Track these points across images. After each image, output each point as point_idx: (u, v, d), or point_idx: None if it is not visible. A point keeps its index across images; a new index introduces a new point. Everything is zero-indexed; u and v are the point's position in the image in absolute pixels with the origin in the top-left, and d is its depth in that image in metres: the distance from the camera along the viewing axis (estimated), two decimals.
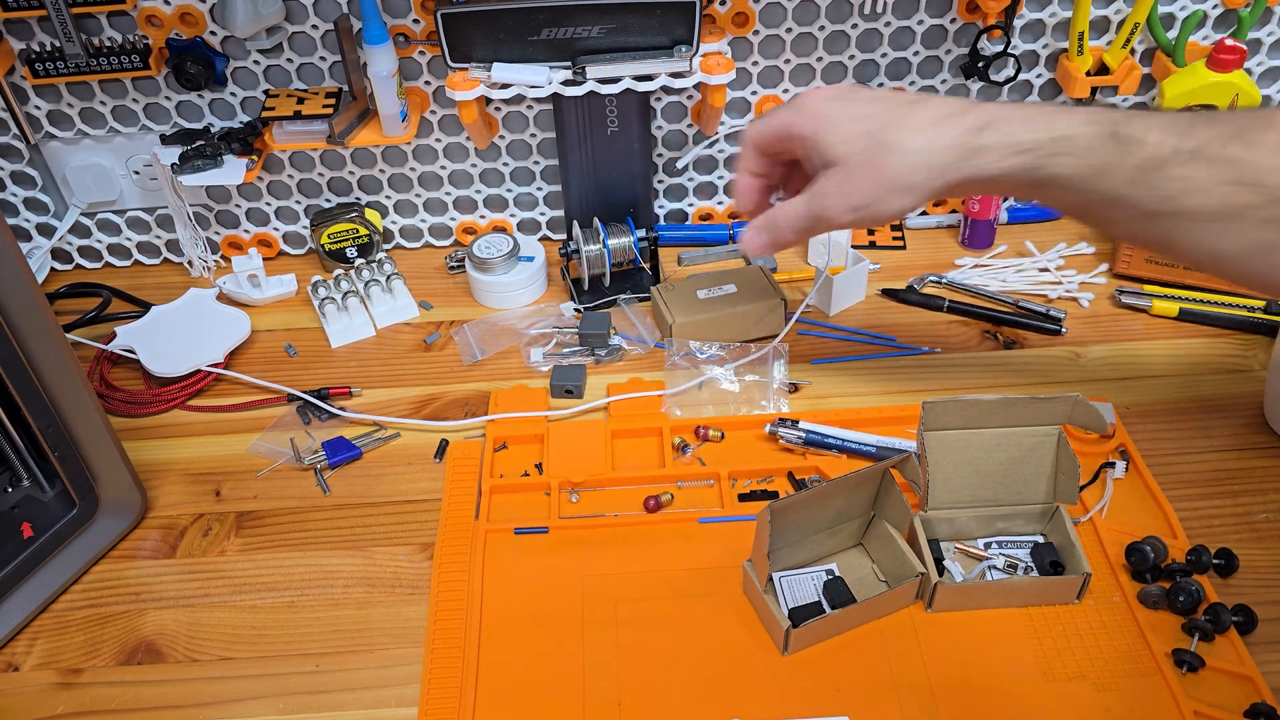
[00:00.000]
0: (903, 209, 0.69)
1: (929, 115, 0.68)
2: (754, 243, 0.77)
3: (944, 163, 0.67)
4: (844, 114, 0.70)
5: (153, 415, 0.96)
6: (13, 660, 0.76)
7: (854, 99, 0.71)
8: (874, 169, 0.68)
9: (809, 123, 0.71)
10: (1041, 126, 0.66)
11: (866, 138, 0.68)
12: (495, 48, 0.94)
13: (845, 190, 0.69)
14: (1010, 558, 0.76)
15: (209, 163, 1.00)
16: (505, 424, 0.91)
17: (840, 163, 0.69)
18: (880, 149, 0.68)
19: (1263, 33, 1.02)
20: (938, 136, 0.67)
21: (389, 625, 0.76)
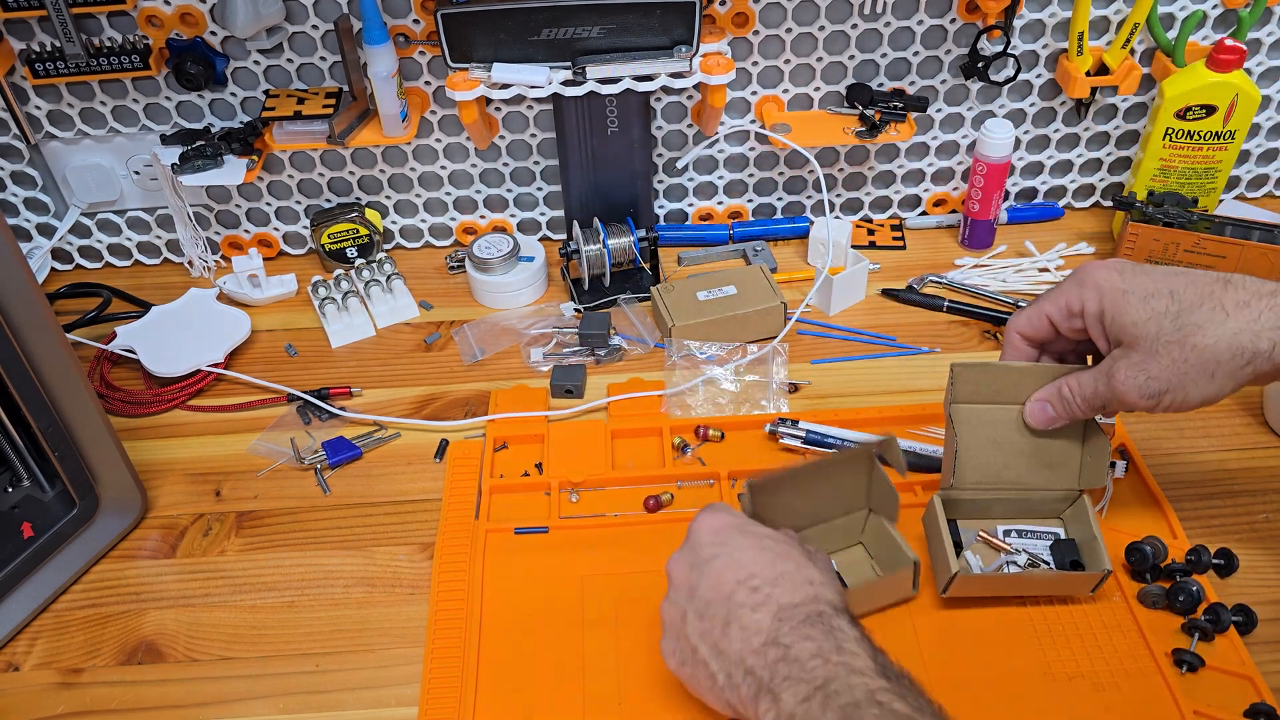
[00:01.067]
0: (1205, 398, 0.63)
1: (1243, 296, 0.62)
2: (1041, 417, 0.71)
3: (1266, 347, 0.61)
4: (1139, 289, 0.64)
5: (153, 415, 0.96)
6: (13, 660, 0.76)
7: (1144, 273, 0.65)
8: (1180, 350, 0.62)
9: (1096, 299, 0.66)
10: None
11: (1171, 317, 0.63)
12: (495, 48, 0.94)
13: (1144, 371, 0.64)
14: (1033, 556, 0.75)
15: (209, 163, 1.00)
16: (505, 424, 0.91)
17: (1135, 343, 0.64)
18: (1188, 330, 0.62)
19: (1262, 33, 1.02)
20: (1258, 318, 0.61)
21: (389, 625, 0.77)
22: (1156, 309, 0.63)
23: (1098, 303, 0.66)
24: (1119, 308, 0.64)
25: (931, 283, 1.05)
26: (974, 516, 0.77)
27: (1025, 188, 1.14)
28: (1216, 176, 1.03)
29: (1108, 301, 0.65)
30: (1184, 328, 0.62)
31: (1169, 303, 0.63)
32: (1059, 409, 0.70)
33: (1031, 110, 1.07)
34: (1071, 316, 0.68)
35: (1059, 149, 1.11)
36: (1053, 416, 0.71)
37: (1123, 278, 0.65)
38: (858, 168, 1.11)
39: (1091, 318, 0.66)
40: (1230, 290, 0.63)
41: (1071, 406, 0.69)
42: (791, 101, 1.06)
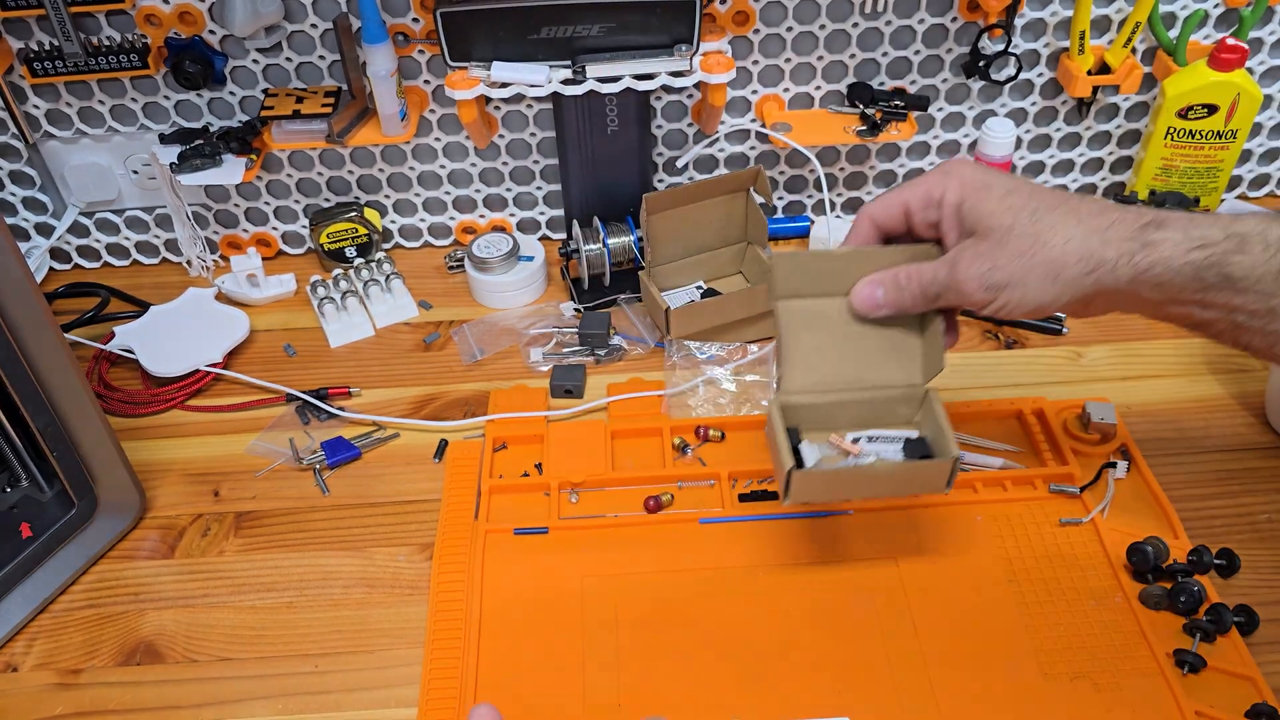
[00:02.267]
0: (1042, 302, 0.62)
1: (1097, 206, 0.62)
2: (869, 299, 0.68)
3: (1113, 256, 0.61)
4: (1000, 185, 0.64)
5: (151, 415, 0.95)
6: (12, 660, 0.76)
7: (1009, 175, 0.65)
8: (1026, 244, 0.62)
9: (957, 189, 0.64)
10: (1216, 223, 0.61)
11: (1027, 212, 0.62)
12: (495, 47, 0.93)
13: (985, 261, 0.62)
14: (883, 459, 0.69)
15: (208, 162, 1.00)
16: (505, 424, 0.90)
17: (988, 233, 0.63)
18: (1040, 226, 0.62)
19: (1264, 32, 1.02)
20: (1110, 226, 0.61)
21: (389, 625, 0.76)
22: (1014, 204, 0.62)
23: (958, 192, 0.64)
24: (978, 198, 0.63)
25: None
26: (822, 427, 0.70)
27: None
28: (1218, 176, 1.03)
29: (968, 191, 0.64)
30: (1038, 223, 0.62)
31: (1027, 199, 0.63)
32: (890, 294, 0.67)
33: (1033, 109, 1.07)
34: (929, 206, 0.66)
35: (1060, 148, 1.11)
36: (880, 303, 0.68)
37: (986, 173, 0.65)
38: (859, 167, 1.11)
39: (949, 207, 0.65)
40: (1085, 201, 0.63)
41: (905, 293, 0.67)
42: (792, 100, 1.06)
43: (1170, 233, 0.60)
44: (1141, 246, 0.60)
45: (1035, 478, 0.83)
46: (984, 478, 0.83)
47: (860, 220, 0.69)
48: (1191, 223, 0.61)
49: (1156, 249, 0.60)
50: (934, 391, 0.70)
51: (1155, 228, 0.61)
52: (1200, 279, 0.60)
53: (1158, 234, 0.61)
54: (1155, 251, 0.60)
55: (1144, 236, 0.61)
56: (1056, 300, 0.62)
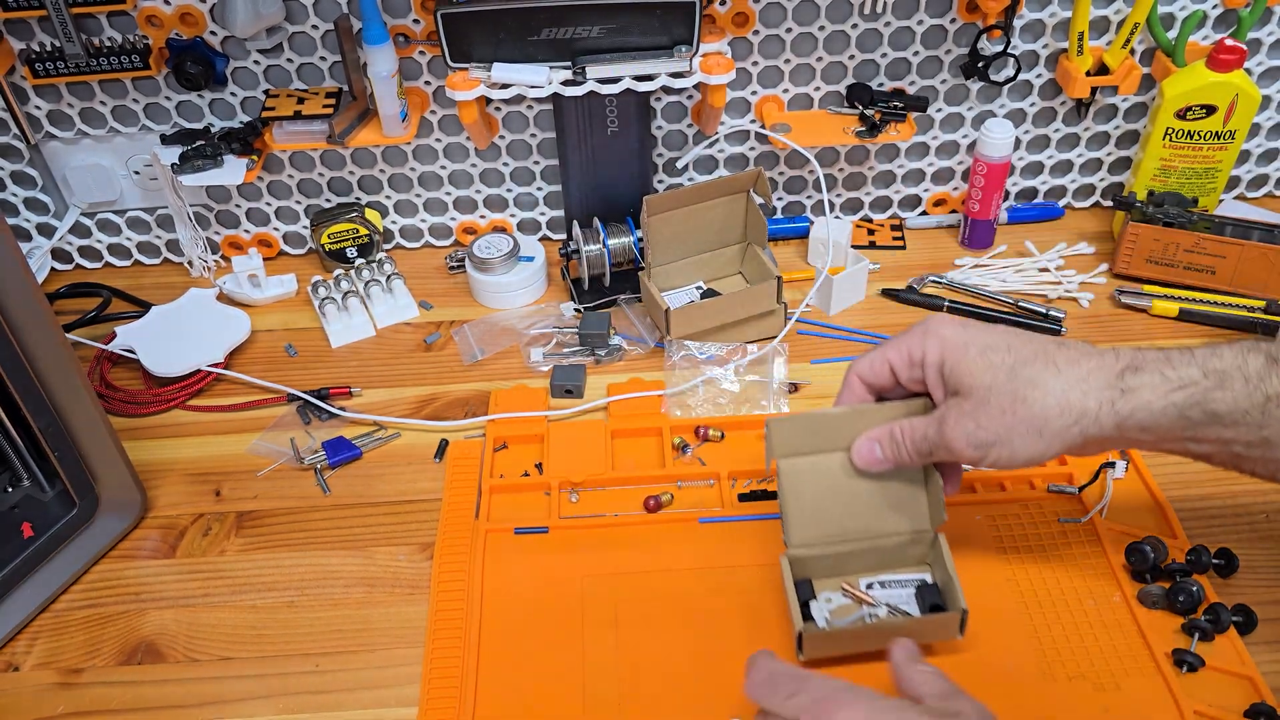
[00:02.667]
0: (1032, 456, 0.63)
1: (1074, 354, 0.63)
2: (869, 455, 0.70)
3: (1094, 406, 0.61)
4: (978, 342, 0.64)
5: (153, 415, 0.96)
6: (13, 660, 0.76)
7: (984, 329, 0.66)
8: (1007, 402, 0.62)
9: (937, 350, 0.66)
10: (1193, 362, 0.61)
11: (1006, 370, 0.63)
12: (495, 48, 0.94)
13: (972, 423, 0.63)
14: (892, 606, 0.71)
15: (209, 163, 1.00)
16: (505, 424, 0.91)
17: (970, 393, 0.64)
18: (1018, 384, 0.62)
19: (1263, 33, 1.02)
20: (1087, 376, 0.62)
21: (389, 625, 0.77)
22: (993, 361, 0.63)
23: (939, 352, 0.65)
24: (958, 358, 0.64)
25: (931, 283, 1.05)
26: (834, 574, 0.73)
27: (1025, 187, 1.14)
28: (1216, 176, 1.03)
29: (948, 351, 0.65)
30: (1016, 380, 0.62)
31: (1005, 356, 0.63)
32: (887, 450, 0.69)
33: (1032, 110, 1.07)
34: (912, 365, 0.67)
35: (1059, 149, 1.11)
36: (880, 459, 0.69)
37: (964, 331, 0.66)
38: (858, 168, 1.11)
39: (931, 367, 0.66)
40: (1063, 349, 0.63)
41: (901, 450, 0.68)
42: (791, 101, 1.06)
43: (1148, 377, 0.61)
44: (1120, 394, 0.61)
45: (1034, 478, 0.83)
46: (983, 477, 0.83)
47: (850, 379, 0.70)
48: (1169, 363, 0.62)
49: (1136, 395, 0.61)
50: (942, 536, 0.72)
51: (1133, 373, 0.62)
52: (1186, 419, 0.61)
53: (1135, 379, 0.61)
54: (1135, 397, 0.61)
55: (1121, 383, 0.61)
56: (1046, 453, 0.63)
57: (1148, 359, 0.62)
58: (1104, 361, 0.62)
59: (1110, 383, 0.62)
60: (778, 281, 0.96)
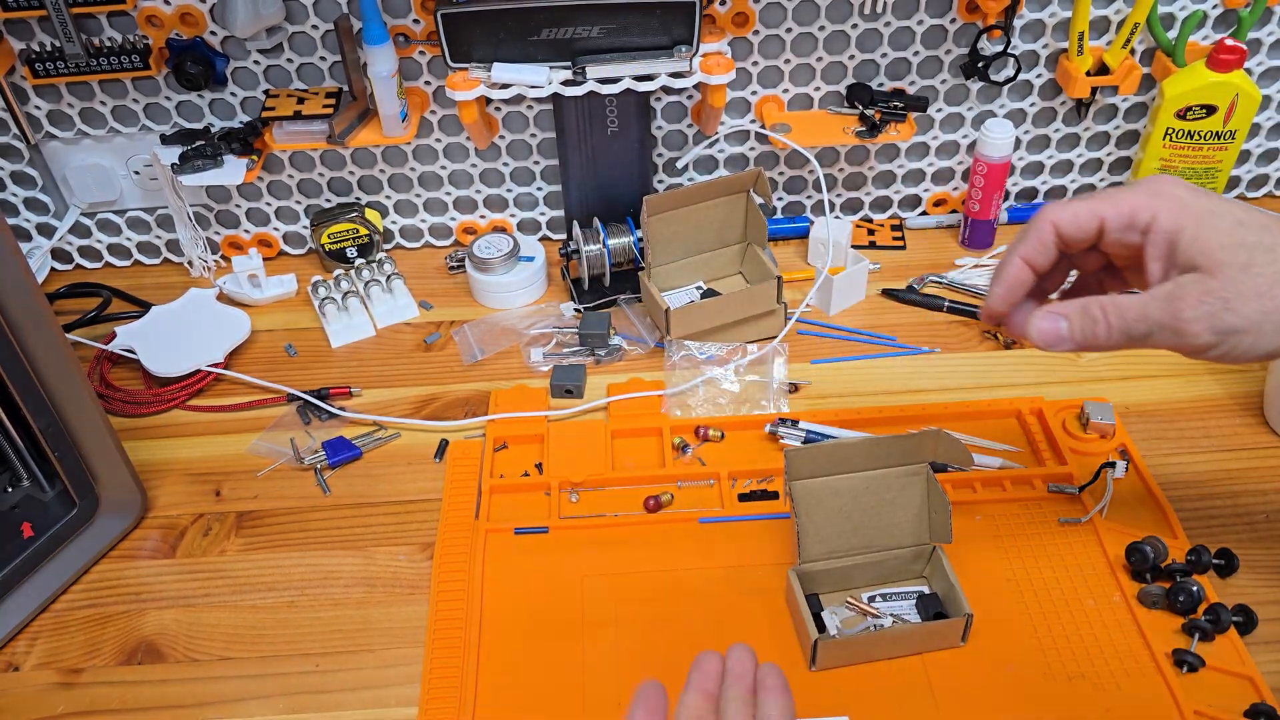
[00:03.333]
0: (1271, 351, 0.55)
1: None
2: (1051, 332, 0.60)
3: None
4: (1226, 213, 0.56)
5: (153, 415, 0.96)
6: (13, 660, 0.76)
7: (1222, 199, 0.57)
8: (1266, 285, 0.54)
9: (1173, 215, 0.56)
10: None
11: (1264, 248, 0.55)
12: (495, 48, 0.94)
13: (1221, 299, 0.54)
14: (897, 616, 0.73)
15: (209, 163, 1.00)
16: (505, 424, 0.91)
17: (1217, 269, 0.55)
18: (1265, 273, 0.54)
19: (1263, 33, 1.02)
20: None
21: (389, 625, 0.77)
22: (1247, 238, 0.55)
23: (1175, 218, 0.56)
24: (1204, 225, 0.55)
25: (932, 283, 1.05)
26: (838, 588, 0.75)
27: (1025, 188, 1.14)
28: (1217, 176, 1.03)
29: (1190, 218, 0.55)
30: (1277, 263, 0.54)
31: (1261, 233, 0.55)
32: (1078, 327, 0.59)
33: (1032, 110, 1.07)
34: (1130, 228, 0.57)
35: (1059, 149, 1.11)
36: (1063, 336, 0.59)
37: (1205, 198, 0.56)
38: (858, 168, 1.11)
39: (1161, 233, 0.56)
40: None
41: (1099, 327, 0.58)
42: (791, 101, 1.06)
43: None
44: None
45: (1034, 477, 0.83)
46: (983, 478, 0.83)
47: (1041, 224, 0.60)
48: None
49: None
50: (940, 549, 0.74)
51: None
52: None
53: None
54: None
55: None
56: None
57: None
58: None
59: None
60: (778, 281, 0.96)
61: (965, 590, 0.71)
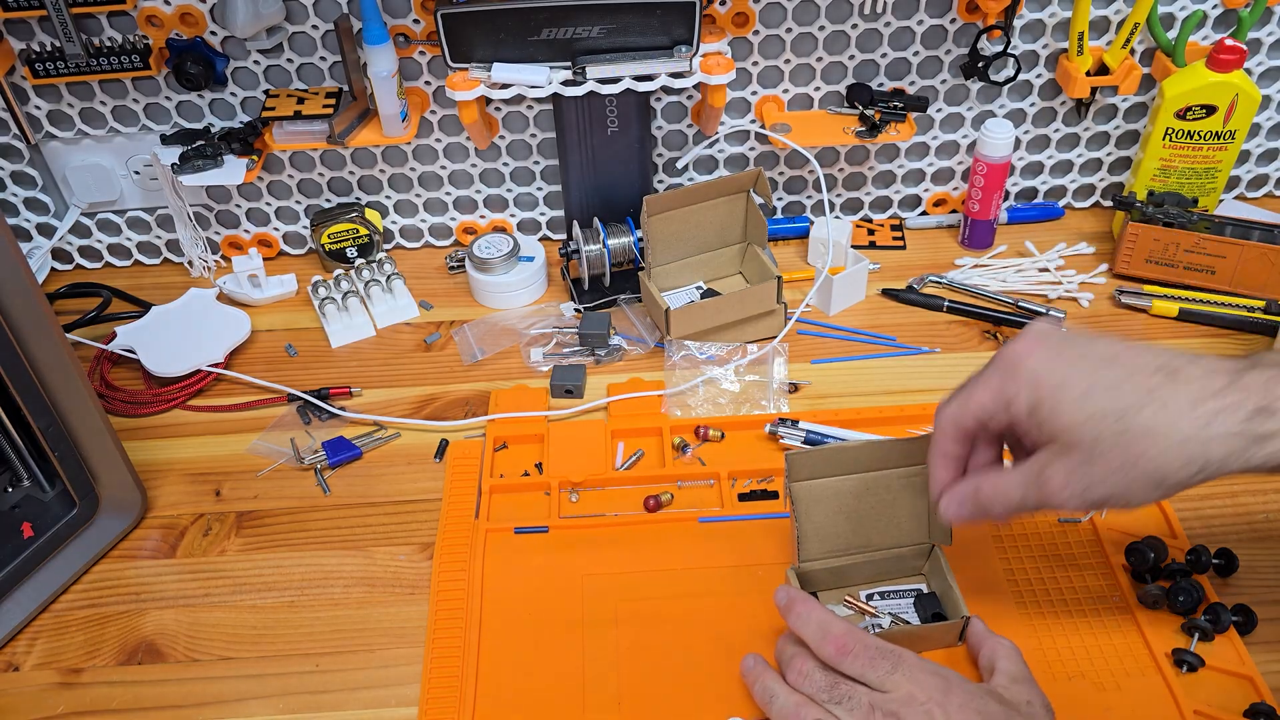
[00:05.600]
0: (1148, 502, 0.57)
1: (1192, 394, 0.55)
2: (956, 516, 0.65)
3: (1220, 455, 0.54)
4: (1074, 381, 0.57)
5: (153, 415, 0.96)
6: (13, 660, 0.76)
7: (1080, 358, 0.58)
8: (1122, 458, 0.55)
9: (1028, 392, 0.58)
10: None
11: (1113, 419, 0.55)
12: (495, 48, 0.94)
13: (1082, 479, 0.57)
14: (895, 616, 0.73)
15: (209, 163, 1.00)
16: (505, 424, 0.91)
17: (1072, 447, 0.57)
18: (1131, 436, 0.55)
19: (1263, 33, 1.02)
20: (1209, 424, 0.54)
21: (389, 625, 0.77)
22: (1096, 408, 0.56)
23: (1030, 395, 0.58)
24: (1054, 402, 0.57)
25: (931, 283, 1.05)
26: (836, 586, 0.75)
27: (1025, 188, 1.14)
28: (1216, 176, 1.03)
29: (1043, 394, 0.58)
30: (1128, 432, 0.55)
31: (1109, 400, 0.56)
32: (973, 510, 0.63)
33: (1031, 110, 1.07)
34: (1003, 410, 0.60)
35: (1059, 149, 1.11)
36: (966, 519, 0.64)
37: (1059, 363, 0.58)
38: (858, 168, 1.11)
39: (1022, 413, 0.59)
40: (1177, 387, 0.56)
41: (991, 510, 0.62)
42: (791, 101, 1.06)
43: None
44: (1253, 442, 0.54)
45: None
46: None
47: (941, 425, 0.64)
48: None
49: (1268, 445, 0.54)
50: (939, 548, 0.74)
51: (1266, 416, 0.54)
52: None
53: (1267, 425, 0.54)
54: (1267, 447, 0.54)
55: (1253, 429, 0.54)
56: (1166, 497, 0.57)
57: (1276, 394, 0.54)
58: (1228, 401, 0.54)
59: (1239, 429, 0.54)
60: (778, 281, 0.96)
61: (964, 590, 0.72)
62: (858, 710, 0.60)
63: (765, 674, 0.66)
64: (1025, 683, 0.62)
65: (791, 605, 0.65)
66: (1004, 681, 0.62)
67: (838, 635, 0.62)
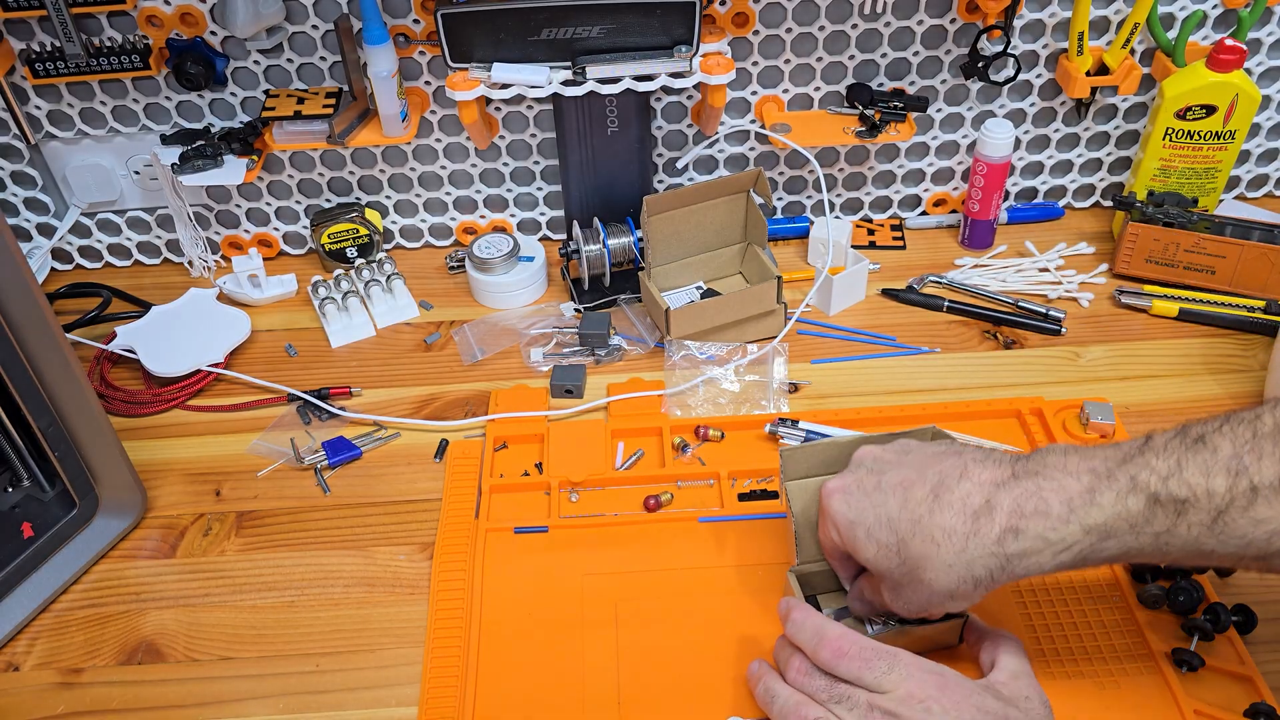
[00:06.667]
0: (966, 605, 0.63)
1: (949, 520, 0.60)
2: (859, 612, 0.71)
3: (985, 574, 0.60)
4: (861, 522, 0.64)
5: (153, 415, 0.96)
6: (13, 660, 0.76)
7: (865, 495, 0.65)
8: (914, 584, 0.62)
9: (838, 533, 0.66)
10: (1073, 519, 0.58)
11: (896, 555, 0.62)
12: (495, 48, 0.94)
13: (901, 600, 0.64)
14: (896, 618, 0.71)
15: (209, 163, 1.00)
16: (505, 424, 0.91)
17: (882, 578, 0.65)
18: (913, 568, 0.62)
19: (1262, 33, 1.02)
20: (966, 549, 0.60)
21: (389, 625, 0.77)
22: (882, 543, 0.63)
23: (840, 535, 0.66)
24: (853, 543, 0.65)
25: (931, 283, 1.05)
26: (838, 587, 0.74)
27: (1025, 188, 1.14)
28: (1216, 176, 1.03)
29: (844, 535, 0.65)
30: (908, 563, 0.62)
31: (889, 535, 0.63)
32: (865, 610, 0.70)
33: (1031, 110, 1.07)
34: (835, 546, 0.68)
35: (1059, 149, 1.11)
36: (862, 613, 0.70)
37: (847, 510, 0.65)
38: (858, 168, 1.11)
39: (840, 550, 0.68)
40: (940, 514, 0.61)
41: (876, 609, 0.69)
42: (791, 101, 1.06)
43: (1029, 542, 0.59)
44: (1006, 561, 0.59)
45: None
46: None
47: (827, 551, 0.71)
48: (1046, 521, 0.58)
49: (1022, 561, 0.59)
50: None
51: (1012, 537, 0.59)
52: (1085, 561, 0.59)
53: (1016, 545, 0.59)
54: (1022, 563, 0.59)
55: (1003, 550, 0.59)
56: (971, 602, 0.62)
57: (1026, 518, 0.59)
58: (980, 525, 0.59)
59: (991, 550, 0.59)
60: (778, 281, 0.96)
61: None
62: (857, 709, 0.60)
63: (768, 675, 0.66)
64: (1025, 677, 0.63)
65: (789, 613, 0.66)
66: (1004, 677, 0.63)
67: (833, 639, 0.63)
